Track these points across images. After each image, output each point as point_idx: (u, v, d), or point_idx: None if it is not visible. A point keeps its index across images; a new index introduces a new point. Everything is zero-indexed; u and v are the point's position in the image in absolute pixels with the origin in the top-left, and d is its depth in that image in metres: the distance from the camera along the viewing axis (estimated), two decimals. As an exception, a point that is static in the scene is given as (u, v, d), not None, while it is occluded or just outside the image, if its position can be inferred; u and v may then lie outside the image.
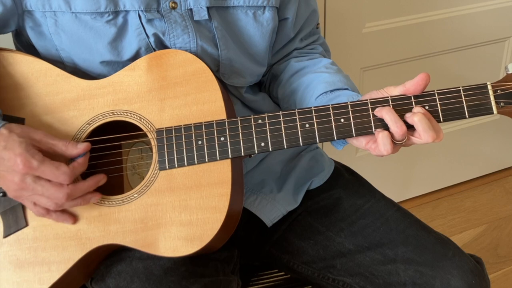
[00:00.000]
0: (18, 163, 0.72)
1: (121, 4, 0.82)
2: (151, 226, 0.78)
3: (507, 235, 1.87)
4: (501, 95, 0.76)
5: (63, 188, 0.74)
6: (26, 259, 0.80)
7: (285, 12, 0.95)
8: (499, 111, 0.76)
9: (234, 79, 0.92)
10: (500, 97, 0.76)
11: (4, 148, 0.72)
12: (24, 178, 0.73)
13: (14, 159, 0.72)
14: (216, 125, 0.79)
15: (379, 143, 0.76)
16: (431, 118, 0.76)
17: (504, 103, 0.76)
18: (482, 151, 2.05)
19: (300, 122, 0.78)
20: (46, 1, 0.81)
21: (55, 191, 0.74)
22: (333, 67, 0.95)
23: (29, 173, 0.72)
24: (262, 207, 0.97)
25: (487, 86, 0.76)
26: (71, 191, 0.75)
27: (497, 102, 0.76)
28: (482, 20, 1.75)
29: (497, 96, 0.76)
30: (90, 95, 0.82)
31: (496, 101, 0.76)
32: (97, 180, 0.79)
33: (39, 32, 0.85)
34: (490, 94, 0.76)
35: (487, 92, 0.76)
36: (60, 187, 0.74)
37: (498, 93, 0.76)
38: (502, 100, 0.76)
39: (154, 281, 0.78)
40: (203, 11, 0.85)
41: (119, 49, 0.84)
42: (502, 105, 0.76)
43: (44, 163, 0.73)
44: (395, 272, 0.90)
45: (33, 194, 0.74)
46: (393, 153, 0.78)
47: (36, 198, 0.75)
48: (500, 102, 0.76)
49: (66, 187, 0.74)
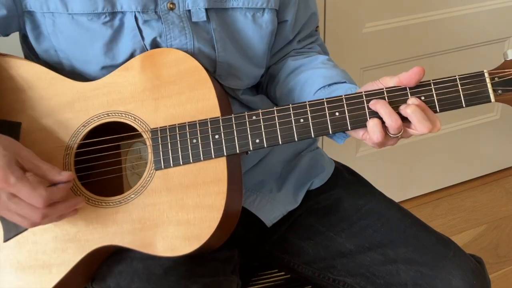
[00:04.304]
0: None
1: (118, 5, 0.82)
2: (148, 226, 0.78)
3: (507, 235, 1.87)
4: (498, 83, 0.74)
5: (38, 210, 0.71)
6: (26, 263, 0.80)
7: (284, 15, 0.94)
8: (497, 99, 0.75)
9: (231, 81, 0.92)
10: (497, 84, 0.74)
11: None
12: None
13: None
14: (210, 123, 0.79)
15: (369, 131, 0.76)
16: (426, 108, 0.75)
17: (502, 90, 0.74)
18: (482, 151, 2.05)
19: (294, 117, 0.78)
20: (44, 2, 0.82)
21: (30, 211, 0.71)
22: (329, 63, 0.95)
23: (5, 189, 0.69)
24: (261, 207, 0.97)
25: (483, 74, 0.75)
26: (48, 211, 0.72)
27: (495, 89, 0.75)
28: (482, 20, 1.75)
29: (495, 84, 0.75)
30: (85, 97, 0.82)
31: (494, 89, 0.75)
32: (75, 202, 0.76)
33: (38, 33, 0.85)
34: (487, 82, 0.75)
35: (484, 80, 0.75)
36: (35, 208, 0.71)
37: (495, 81, 0.75)
38: (499, 88, 0.74)
39: (154, 281, 0.79)
40: (201, 13, 0.85)
41: (114, 52, 0.84)
42: (499, 92, 0.75)
43: (21, 181, 0.69)
44: (396, 272, 0.90)
45: (7, 210, 0.72)
46: (391, 145, 0.78)
47: (9, 215, 0.73)
48: (498, 90, 0.74)
49: (42, 209, 0.71)
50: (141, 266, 0.80)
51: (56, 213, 0.74)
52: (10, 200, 0.70)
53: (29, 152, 0.73)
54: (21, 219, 0.72)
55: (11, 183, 0.69)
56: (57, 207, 0.74)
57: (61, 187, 0.74)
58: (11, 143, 0.73)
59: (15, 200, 0.70)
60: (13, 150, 0.72)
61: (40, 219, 0.72)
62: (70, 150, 0.81)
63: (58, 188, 0.73)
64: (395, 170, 1.91)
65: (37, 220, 0.72)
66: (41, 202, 0.70)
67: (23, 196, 0.70)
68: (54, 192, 0.72)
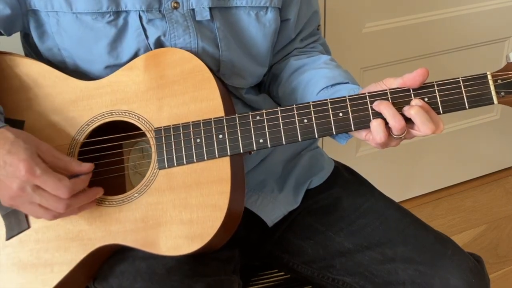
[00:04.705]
0: (20, 169, 0.70)
1: (123, 4, 0.82)
2: (151, 225, 0.78)
3: (507, 235, 1.87)
4: (501, 85, 0.75)
5: (63, 201, 0.73)
6: (29, 261, 0.80)
7: (286, 13, 0.95)
8: (500, 101, 0.76)
9: (234, 79, 0.92)
10: (500, 86, 0.75)
11: (9, 152, 0.71)
12: (24, 186, 0.71)
13: (17, 164, 0.70)
14: (214, 123, 0.79)
15: (372, 131, 0.76)
16: (430, 110, 0.75)
17: (504, 92, 0.75)
18: (482, 151, 2.05)
19: (298, 118, 0.78)
20: (48, 1, 0.82)
21: (54, 202, 0.73)
22: (332, 63, 0.95)
23: (30, 180, 0.71)
24: (263, 207, 0.97)
25: (487, 76, 0.75)
26: (71, 202, 0.74)
27: (498, 92, 0.75)
28: (482, 20, 1.75)
29: (498, 86, 0.75)
30: (89, 96, 0.83)
31: (497, 91, 0.75)
32: (95, 192, 0.78)
33: (42, 32, 0.85)
34: (490, 84, 0.75)
35: (487, 82, 0.75)
36: (59, 199, 0.73)
37: (498, 83, 0.75)
38: (502, 90, 0.75)
39: (157, 281, 0.79)
40: (205, 11, 0.85)
41: (118, 51, 0.84)
42: (502, 94, 0.75)
43: (47, 173, 0.71)
44: (394, 271, 0.90)
45: (30, 203, 0.73)
46: (394, 146, 0.78)
47: (30, 208, 0.74)
48: (501, 92, 0.75)
49: (66, 200, 0.73)
50: (143, 266, 0.80)
51: (78, 204, 0.76)
52: (35, 192, 0.71)
53: (48, 146, 0.75)
54: (43, 211, 0.74)
55: (37, 175, 0.70)
56: (79, 198, 0.75)
57: (83, 178, 0.76)
58: (29, 137, 0.74)
59: (39, 192, 0.72)
60: (34, 143, 0.73)
61: (64, 209, 0.73)
62: (74, 149, 0.82)
63: (80, 179, 0.76)
64: (395, 170, 1.92)
65: (61, 211, 0.74)
66: (66, 193, 0.72)
67: (48, 188, 0.71)
68: (77, 183, 0.75)
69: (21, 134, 0.74)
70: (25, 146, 0.72)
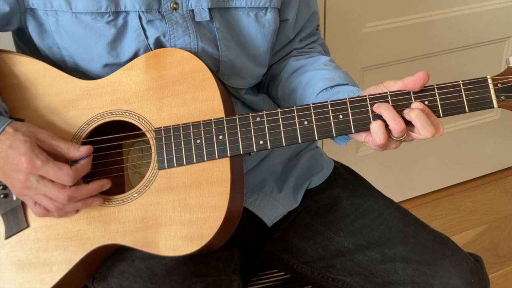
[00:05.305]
0: (22, 162, 0.72)
1: (122, 5, 0.82)
2: (151, 225, 0.78)
3: (507, 235, 1.87)
4: (501, 89, 0.75)
5: (65, 190, 0.74)
6: (28, 260, 0.80)
7: (285, 14, 0.95)
8: (500, 105, 0.76)
9: (234, 80, 0.92)
10: (500, 90, 0.75)
11: (9, 146, 0.73)
12: (28, 177, 0.73)
13: (18, 158, 0.72)
14: (215, 124, 0.79)
15: (372, 133, 0.76)
16: (430, 113, 0.75)
17: (504, 96, 0.75)
18: (482, 151, 2.05)
19: (298, 119, 0.78)
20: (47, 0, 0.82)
21: (57, 191, 0.74)
22: (331, 64, 0.95)
23: (33, 172, 0.73)
24: (263, 207, 0.97)
25: (487, 80, 0.76)
26: (73, 193, 0.75)
27: (498, 96, 0.75)
28: (482, 20, 1.75)
29: (498, 90, 0.75)
30: (89, 95, 0.83)
31: (497, 95, 0.75)
32: (101, 184, 0.79)
33: (41, 30, 0.85)
34: (491, 88, 0.75)
35: (487, 86, 0.75)
36: (62, 188, 0.74)
37: (498, 87, 0.75)
38: (502, 94, 0.75)
39: (156, 281, 0.79)
40: (204, 12, 0.85)
41: (118, 51, 0.84)
42: (502, 98, 0.75)
43: (47, 163, 0.73)
44: (394, 271, 0.90)
45: (36, 193, 0.75)
46: (393, 148, 0.78)
47: (39, 197, 0.76)
48: (501, 96, 0.75)
49: (68, 189, 0.75)
50: (143, 266, 0.80)
51: (81, 195, 0.76)
52: (39, 182, 0.74)
53: (46, 133, 0.77)
54: (48, 201, 0.76)
55: (38, 166, 0.73)
56: (82, 189, 0.76)
57: (83, 163, 0.77)
58: (28, 128, 0.76)
59: (44, 182, 0.74)
60: (32, 134, 0.75)
61: (66, 200, 0.75)
62: None
63: (81, 164, 0.77)
64: (395, 170, 1.92)
65: (64, 201, 0.75)
66: (69, 180, 0.74)
67: (51, 176, 0.74)
68: (78, 169, 0.76)
69: (21, 127, 0.75)
70: (24, 139, 0.73)
